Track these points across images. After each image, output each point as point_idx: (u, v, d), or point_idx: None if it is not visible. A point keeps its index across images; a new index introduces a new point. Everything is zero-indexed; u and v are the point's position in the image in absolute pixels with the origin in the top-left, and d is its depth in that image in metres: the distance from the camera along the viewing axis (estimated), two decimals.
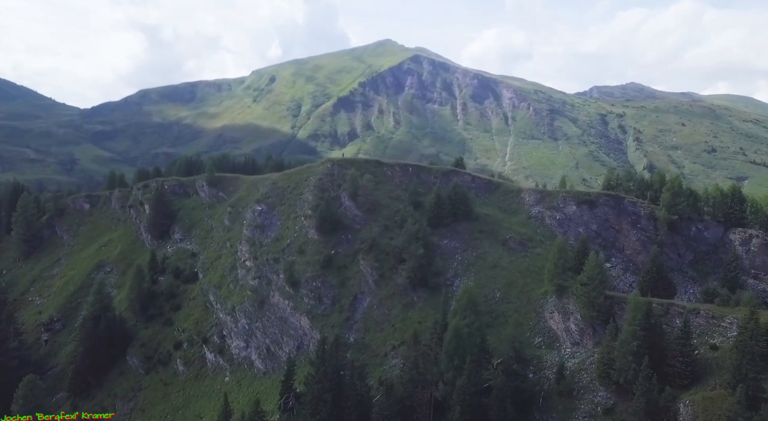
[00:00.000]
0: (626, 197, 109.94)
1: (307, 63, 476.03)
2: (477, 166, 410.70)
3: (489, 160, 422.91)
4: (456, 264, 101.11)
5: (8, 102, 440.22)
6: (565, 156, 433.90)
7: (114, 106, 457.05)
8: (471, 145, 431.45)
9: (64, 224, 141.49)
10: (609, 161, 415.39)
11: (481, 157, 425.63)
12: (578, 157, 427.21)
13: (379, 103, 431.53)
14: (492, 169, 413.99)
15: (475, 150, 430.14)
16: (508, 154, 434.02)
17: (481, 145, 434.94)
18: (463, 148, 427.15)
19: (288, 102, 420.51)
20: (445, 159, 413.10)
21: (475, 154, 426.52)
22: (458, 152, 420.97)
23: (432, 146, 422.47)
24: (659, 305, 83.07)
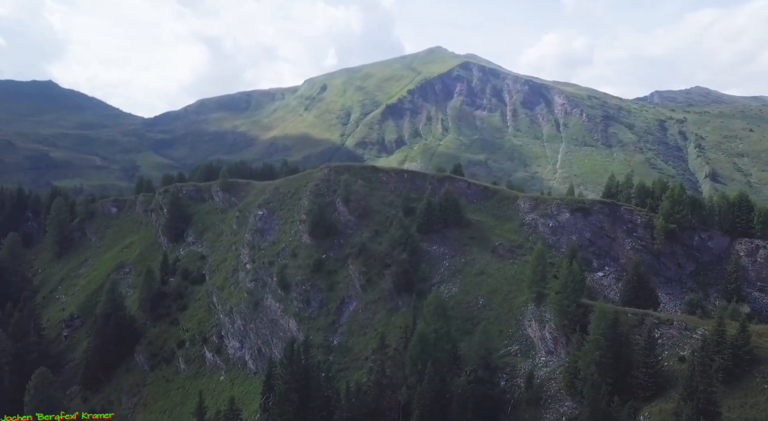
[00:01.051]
0: (623, 205, 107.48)
1: (358, 71, 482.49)
2: (526, 175, 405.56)
3: (539, 168, 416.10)
4: (443, 270, 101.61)
5: (80, 113, 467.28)
6: (619, 163, 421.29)
7: (174, 115, 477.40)
8: (520, 153, 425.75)
9: (93, 227, 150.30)
10: (667, 169, 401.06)
11: (531, 165, 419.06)
12: (634, 164, 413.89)
13: (427, 111, 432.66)
14: (542, 176, 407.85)
15: (524, 157, 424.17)
16: (559, 162, 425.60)
17: (531, 153, 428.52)
18: (512, 155, 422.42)
19: (338, 110, 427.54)
20: (494, 166, 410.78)
21: (524, 162, 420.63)
22: (507, 159, 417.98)
23: (480, 153, 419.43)
24: (633, 315, 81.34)
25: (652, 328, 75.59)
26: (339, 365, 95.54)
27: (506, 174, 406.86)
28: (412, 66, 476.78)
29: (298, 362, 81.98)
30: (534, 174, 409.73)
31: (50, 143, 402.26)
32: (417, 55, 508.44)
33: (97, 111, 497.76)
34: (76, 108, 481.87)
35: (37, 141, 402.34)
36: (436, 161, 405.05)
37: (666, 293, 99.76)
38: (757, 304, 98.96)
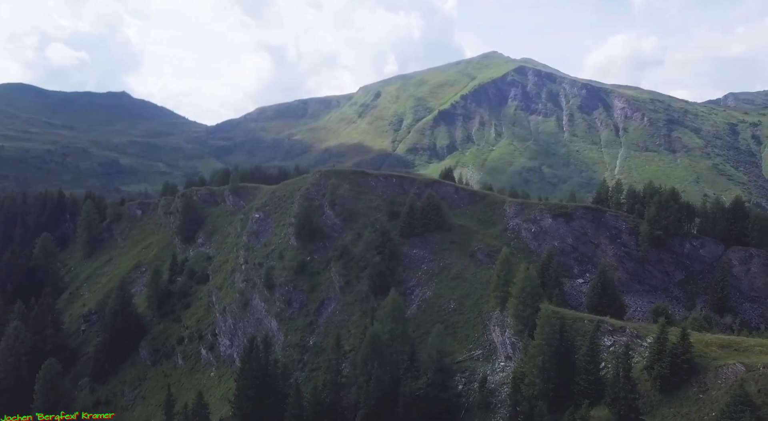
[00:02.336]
0: (608, 210, 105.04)
1: (412, 78, 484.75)
2: (582, 180, 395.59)
3: (596, 174, 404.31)
4: (420, 273, 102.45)
5: (148, 121, 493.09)
6: (683, 169, 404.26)
7: (235, 123, 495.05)
8: (576, 158, 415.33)
9: (119, 228, 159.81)
10: (737, 175, 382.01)
11: (587, 171, 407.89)
12: (700, 170, 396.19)
13: (480, 116, 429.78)
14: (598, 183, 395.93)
15: (580, 163, 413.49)
16: (617, 168, 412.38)
17: (587, 158, 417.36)
18: (567, 161, 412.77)
19: (390, 117, 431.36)
20: (548, 172, 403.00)
21: (580, 168, 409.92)
22: (562, 165, 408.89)
23: (534, 159, 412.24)
24: (589, 321, 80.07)
25: (595, 335, 74.27)
26: (313, 364, 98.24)
27: (561, 180, 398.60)
28: (467, 71, 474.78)
29: (256, 359, 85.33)
30: (590, 180, 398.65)
31: (120, 150, 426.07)
32: (471, 60, 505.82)
33: (164, 119, 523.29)
34: (145, 117, 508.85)
35: (108, 148, 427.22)
36: (488, 166, 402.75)
37: (649, 301, 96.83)
38: (747, 315, 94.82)
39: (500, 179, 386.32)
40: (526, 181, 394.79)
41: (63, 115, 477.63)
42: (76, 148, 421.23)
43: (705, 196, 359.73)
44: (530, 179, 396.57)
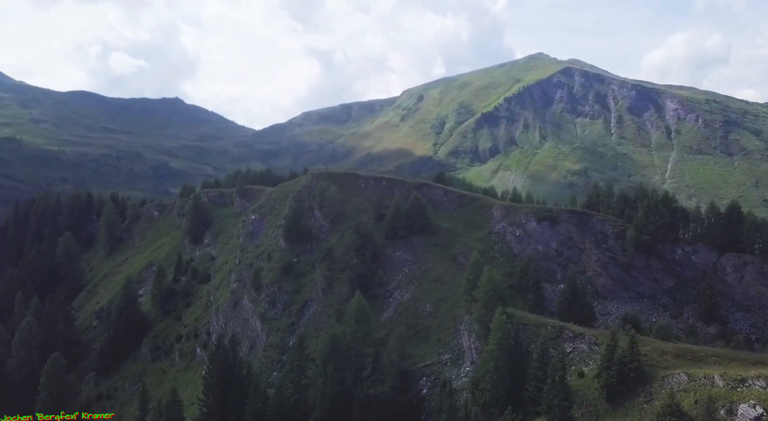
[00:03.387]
0: (595, 214, 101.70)
1: (456, 80, 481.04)
2: (630, 184, 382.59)
3: (645, 178, 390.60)
4: (401, 276, 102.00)
5: (199, 126, 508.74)
6: (741, 173, 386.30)
7: (281, 127, 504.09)
8: (624, 161, 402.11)
9: (137, 229, 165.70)
10: None
11: (636, 174, 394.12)
12: (759, 174, 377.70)
13: (524, 118, 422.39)
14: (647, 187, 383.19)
15: (629, 166, 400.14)
16: (668, 171, 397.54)
17: (636, 161, 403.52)
18: (614, 164, 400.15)
19: (432, 120, 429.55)
20: (594, 176, 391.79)
21: (628, 171, 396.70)
22: (609, 169, 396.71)
23: (580, 162, 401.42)
24: (552, 328, 78.23)
25: (546, 341, 72.43)
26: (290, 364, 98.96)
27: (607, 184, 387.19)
28: (511, 73, 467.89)
29: (222, 357, 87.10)
30: (639, 184, 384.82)
31: (172, 154, 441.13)
32: (517, 62, 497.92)
33: (214, 124, 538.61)
34: (197, 122, 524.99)
35: (161, 152, 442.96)
36: (532, 169, 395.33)
37: (633, 308, 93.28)
38: (738, 324, 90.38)
39: (544, 182, 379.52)
40: (571, 184, 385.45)
41: (120, 120, 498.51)
42: (131, 152, 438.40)
43: (765, 201, 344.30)
44: (575, 183, 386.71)
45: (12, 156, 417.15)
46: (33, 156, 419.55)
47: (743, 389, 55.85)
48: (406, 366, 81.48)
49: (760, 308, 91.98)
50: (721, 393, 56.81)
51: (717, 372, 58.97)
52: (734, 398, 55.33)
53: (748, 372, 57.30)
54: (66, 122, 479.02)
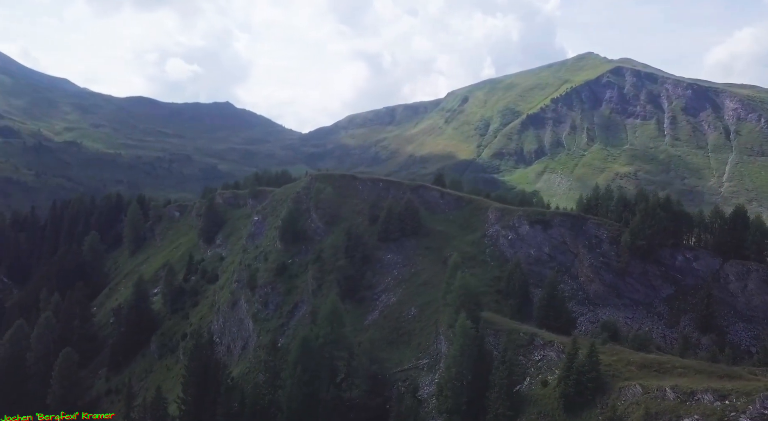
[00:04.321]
0: (590, 218, 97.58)
1: (501, 82, 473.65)
2: (684, 187, 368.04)
3: (700, 181, 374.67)
4: (389, 279, 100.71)
5: (248, 129, 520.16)
6: None
7: (327, 130, 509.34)
8: (678, 164, 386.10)
9: (159, 229, 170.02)
10: None
11: (690, 177, 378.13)
12: None
13: (572, 119, 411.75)
14: (703, 190, 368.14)
15: (682, 169, 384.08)
16: (726, 174, 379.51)
17: (691, 164, 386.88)
18: (667, 166, 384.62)
19: (477, 122, 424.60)
20: (644, 178, 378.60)
21: (682, 174, 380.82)
22: (661, 171, 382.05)
23: (629, 164, 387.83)
24: (524, 334, 75.69)
25: (508, 347, 70.04)
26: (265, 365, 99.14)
27: (658, 187, 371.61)
28: (559, 74, 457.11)
29: (199, 356, 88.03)
30: (693, 187, 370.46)
31: (220, 157, 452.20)
32: (565, 62, 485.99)
33: (263, 128, 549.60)
34: (246, 125, 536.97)
35: (210, 155, 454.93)
36: (578, 172, 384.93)
37: (626, 317, 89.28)
38: (739, 336, 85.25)
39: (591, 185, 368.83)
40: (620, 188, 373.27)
41: (174, 124, 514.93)
42: (182, 155, 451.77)
43: None
44: (624, 186, 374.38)
45: (73, 159, 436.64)
46: (92, 159, 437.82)
47: (691, 403, 52.62)
48: (376, 370, 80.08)
49: (764, 318, 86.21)
50: (670, 407, 53.69)
51: (669, 385, 55.64)
52: (681, 412, 52.23)
53: (698, 385, 53.75)
54: (124, 127, 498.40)
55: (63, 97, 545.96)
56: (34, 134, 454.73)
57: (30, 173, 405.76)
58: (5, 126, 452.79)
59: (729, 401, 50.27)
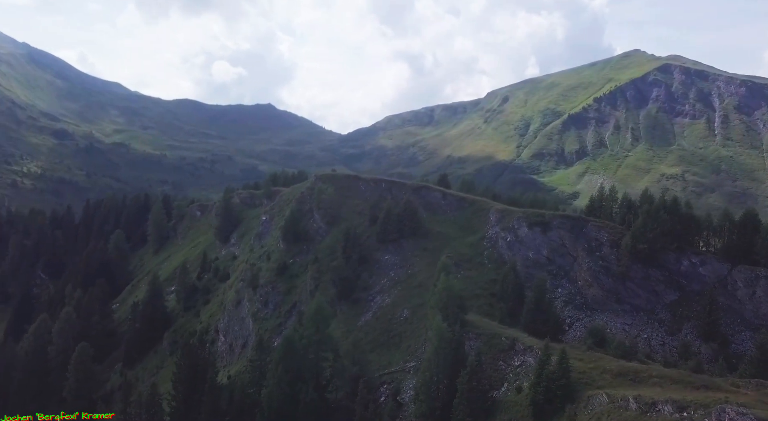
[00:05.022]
0: (591, 220, 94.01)
1: (542, 81, 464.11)
2: (735, 190, 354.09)
3: (753, 183, 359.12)
4: (385, 280, 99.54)
5: (289, 131, 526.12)
6: None
7: (365, 131, 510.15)
8: (729, 165, 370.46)
9: (181, 228, 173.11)
10: None
11: (743, 179, 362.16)
12: None
13: (615, 119, 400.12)
14: (756, 193, 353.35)
15: (734, 170, 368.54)
16: None
17: (743, 165, 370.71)
18: (717, 168, 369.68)
19: (517, 122, 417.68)
20: (691, 180, 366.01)
21: (733, 175, 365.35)
22: (710, 173, 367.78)
23: (677, 165, 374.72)
24: (506, 339, 73.58)
25: (480, 353, 68.16)
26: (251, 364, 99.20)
27: (707, 189, 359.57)
28: (603, 72, 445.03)
29: (189, 354, 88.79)
30: (746, 190, 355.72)
31: (261, 158, 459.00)
32: (609, 60, 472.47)
33: (303, 129, 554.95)
34: (287, 127, 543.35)
35: (251, 156, 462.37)
36: (622, 173, 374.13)
37: (624, 323, 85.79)
38: (744, 345, 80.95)
39: (635, 187, 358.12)
40: (666, 189, 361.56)
41: (217, 126, 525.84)
42: (224, 155, 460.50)
43: None
44: (670, 187, 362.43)
45: (121, 160, 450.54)
46: (138, 159, 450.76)
47: (652, 414, 50.26)
48: (357, 372, 79.01)
49: None
50: (631, 417, 51.30)
51: (633, 394, 53.03)
52: None
53: (661, 396, 51.04)
54: (170, 129, 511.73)
55: (114, 100, 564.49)
56: (86, 136, 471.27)
57: (81, 173, 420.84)
58: (60, 129, 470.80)
59: (687, 412, 47.76)
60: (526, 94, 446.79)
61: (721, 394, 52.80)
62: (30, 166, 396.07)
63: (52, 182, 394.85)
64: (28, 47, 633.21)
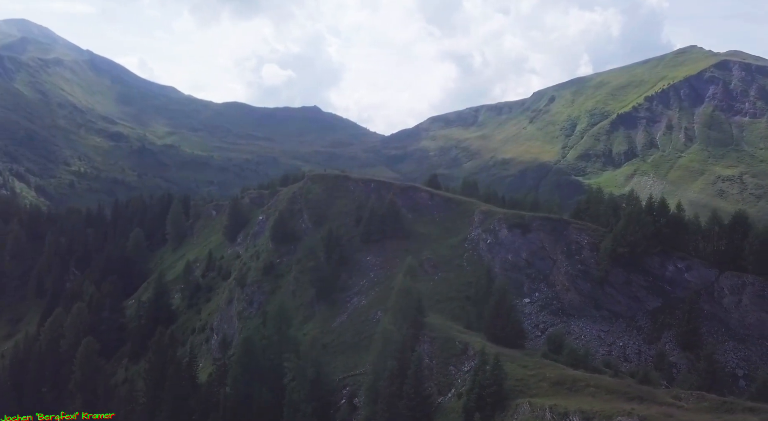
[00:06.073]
0: (573, 222, 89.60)
1: (591, 80, 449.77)
2: None
3: None
4: (364, 281, 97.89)
5: (333, 133, 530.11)
6: None
7: (408, 132, 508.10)
8: None
9: (197, 227, 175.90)
10: None
11: None
12: None
13: (668, 119, 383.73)
14: None
15: None
16: None
17: None
18: None
19: (563, 122, 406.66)
20: (750, 182, 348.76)
21: None
22: None
23: (734, 167, 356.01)
24: (460, 343, 71.12)
25: (421, 359, 65.61)
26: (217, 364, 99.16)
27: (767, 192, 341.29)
28: (656, 70, 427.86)
29: (162, 352, 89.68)
30: None
31: (305, 160, 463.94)
32: (663, 57, 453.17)
33: (347, 131, 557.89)
34: (332, 128, 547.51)
35: (295, 158, 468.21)
36: (674, 175, 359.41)
37: (600, 330, 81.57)
38: (726, 357, 75.69)
39: (688, 190, 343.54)
40: (721, 192, 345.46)
41: (264, 128, 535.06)
42: (269, 157, 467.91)
43: None
44: (725, 190, 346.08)
45: (171, 161, 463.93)
46: (187, 161, 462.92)
47: None
48: (313, 374, 77.60)
49: (759, 338, 75.63)
50: None
51: (550, 404, 50.15)
52: None
53: (573, 406, 48.05)
54: (218, 131, 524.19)
55: (167, 103, 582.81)
56: (139, 138, 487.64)
57: (133, 174, 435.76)
58: (117, 131, 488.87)
59: None
60: (573, 93, 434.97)
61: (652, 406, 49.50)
62: (87, 167, 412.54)
63: (107, 183, 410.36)
64: (91, 54, 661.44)
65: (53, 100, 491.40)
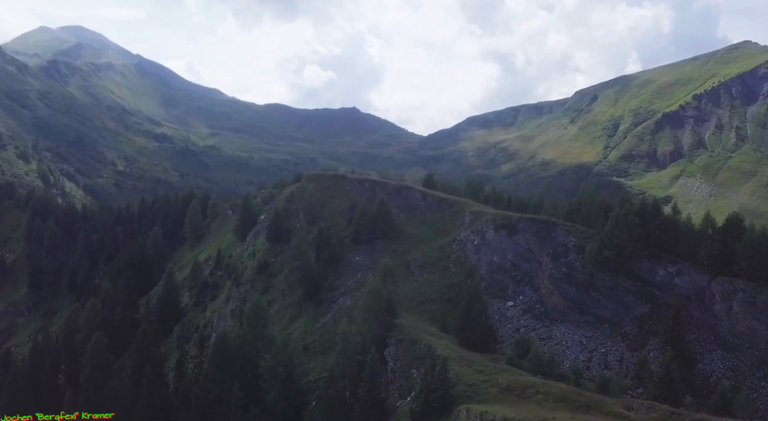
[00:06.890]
0: (561, 224, 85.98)
1: (635, 79, 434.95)
2: None
3: None
4: (352, 281, 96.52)
5: (371, 134, 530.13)
6: None
7: (446, 133, 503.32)
8: None
9: (214, 225, 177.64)
10: None
11: None
12: None
13: (717, 118, 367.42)
14: None
15: None
16: None
17: None
18: None
19: (605, 122, 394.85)
20: None
21: None
22: None
23: None
24: (425, 346, 69.38)
25: (375, 361, 63.93)
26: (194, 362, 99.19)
27: None
28: (705, 67, 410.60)
29: (144, 348, 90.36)
30: None
31: (342, 160, 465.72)
32: (714, 53, 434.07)
33: (385, 131, 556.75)
34: (369, 130, 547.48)
35: (332, 158, 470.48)
36: (722, 177, 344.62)
37: (583, 335, 78.15)
38: (713, 366, 71.61)
39: (738, 192, 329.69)
40: None
41: (304, 129, 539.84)
42: (307, 158, 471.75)
43: None
44: None
45: (212, 161, 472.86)
46: (228, 162, 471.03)
47: None
48: (282, 373, 76.75)
49: (749, 347, 70.88)
50: None
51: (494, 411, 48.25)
52: None
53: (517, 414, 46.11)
54: (259, 132, 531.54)
55: (211, 105, 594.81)
56: (183, 139, 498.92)
57: (176, 174, 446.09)
58: (162, 133, 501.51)
59: None
60: (617, 92, 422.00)
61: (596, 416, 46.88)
62: (132, 167, 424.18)
63: (150, 182, 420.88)
64: (140, 58, 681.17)
65: (103, 103, 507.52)
